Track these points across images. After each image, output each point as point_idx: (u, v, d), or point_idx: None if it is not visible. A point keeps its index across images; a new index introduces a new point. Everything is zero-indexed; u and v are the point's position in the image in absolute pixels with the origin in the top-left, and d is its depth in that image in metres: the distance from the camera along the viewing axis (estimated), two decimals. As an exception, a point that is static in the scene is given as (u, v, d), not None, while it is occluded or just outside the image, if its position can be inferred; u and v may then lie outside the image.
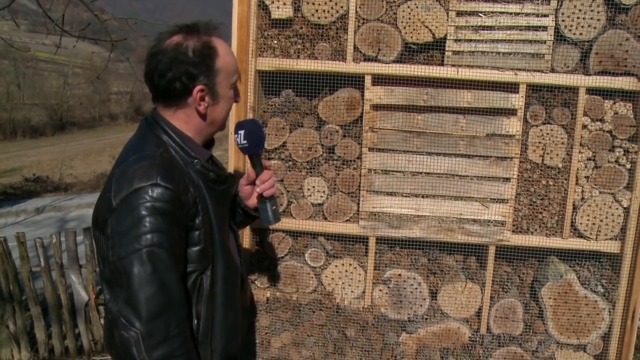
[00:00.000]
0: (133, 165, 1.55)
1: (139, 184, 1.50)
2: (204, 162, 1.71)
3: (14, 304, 4.41)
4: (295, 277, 2.78)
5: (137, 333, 1.46)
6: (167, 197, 1.51)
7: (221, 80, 1.67)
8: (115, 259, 1.49)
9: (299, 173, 2.71)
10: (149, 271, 1.47)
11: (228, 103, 1.75)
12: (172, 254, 1.53)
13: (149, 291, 1.47)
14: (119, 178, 1.53)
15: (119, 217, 1.49)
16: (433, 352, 2.75)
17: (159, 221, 1.49)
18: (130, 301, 1.47)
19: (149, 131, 1.69)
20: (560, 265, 2.72)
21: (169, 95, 1.65)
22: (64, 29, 4.71)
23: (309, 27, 2.62)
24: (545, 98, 2.61)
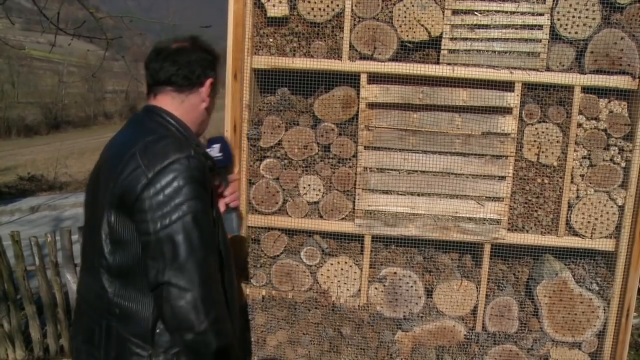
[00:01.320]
0: (158, 142, 1.60)
1: (175, 156, 1.55)
2: (202, 150, 1.79)
3: (8, 303, 4.39)
4: (291, 275, 2.77)
5: (195, 297, 1.47)
6: (201, 167, 1.59)
7: (216, 85, 1.84)
8: (159, 228, 1.50)
9: (295, 171, 2.71)
10: (196, 236, 1.51)
11: (211, 109, 1.87)
12: (211, 220, 1.60)
13: (200, 255, 1.51)
14: (147, 154, 1.56)
15: (157, 188, 1.52)
16: (429, 350, 2.76)
17: (197, 189, 1.55)
18: (181, 268, 1.48)
19: (150, 120, 1.73)
20: (556, 263, 2.72)
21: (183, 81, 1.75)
22: (59, 27, 4.69)
23: (305, 25, 2.62)
24: (541, 96, 2.61)
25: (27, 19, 34.61)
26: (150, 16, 6.40)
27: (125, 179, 1.55)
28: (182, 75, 1.74)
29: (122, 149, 1.64)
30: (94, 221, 1.64)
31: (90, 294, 1.69)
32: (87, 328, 1.69)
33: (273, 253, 2.79)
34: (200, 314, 1.47)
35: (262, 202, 2.73)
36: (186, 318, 1.47)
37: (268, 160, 2.71)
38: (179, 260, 1.48)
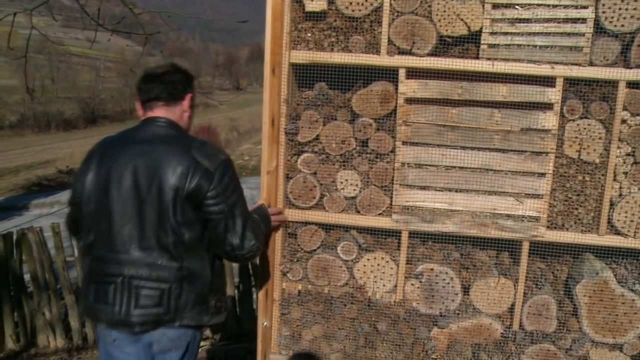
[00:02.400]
0: (206, 145, 2.25)
1: (224, 156, 2.25)
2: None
3: (49, 292, 4.51)
4: (327, 270, 2.78)
5: (256, 245, 2.23)
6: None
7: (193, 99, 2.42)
8: (227, 208, 2.17)
9: (332, 166, 2.71)
10: (246, 208, 2.26)
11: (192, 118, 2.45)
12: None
13: (248, 215, 2.26)
14: (205, 155, 2.17)
15: (221, 177, 2.17)
16: (464, 348, 2.74)
17: (236, 175, 2.27)
18: (246, 228, 2.20)
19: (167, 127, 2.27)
20: (596, 262, 2.67)
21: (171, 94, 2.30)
22: (99, 23, 4.78)
23: (343, 20, 2.61)
24: (583, 92, 2.56)
25: (66, 16, 35.29)
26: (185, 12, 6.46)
27: (193, 178, 2.12)
28: (167, 92, 2.29)
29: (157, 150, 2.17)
30: (141, 210, 2.13)
31: (138, 267, 2.13)
32: (142, 295, 2.13)
33: (310, 247, 2.80)
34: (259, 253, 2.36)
35: (300, 197, 2.74)
36: (255, 255, 2.30)
37: (305, 155, 2.72)
38: (243, 224, 2.20)
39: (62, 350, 4.54)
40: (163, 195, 2.11)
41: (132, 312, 2.11)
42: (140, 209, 2.13)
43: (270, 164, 2.68)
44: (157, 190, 2.12)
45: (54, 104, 30.55)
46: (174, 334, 2.18)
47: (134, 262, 2.13)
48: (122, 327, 2.13)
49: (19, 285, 4.49)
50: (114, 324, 2.15)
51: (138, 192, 2.13)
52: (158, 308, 2.13)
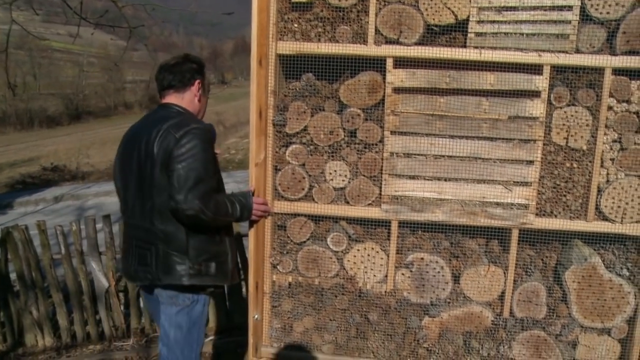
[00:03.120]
0: (182, 118, 2.44)
1: (198, 125, 2.41)
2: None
3: (36, 290, 4.46)
4: (318, 261, 2.78)
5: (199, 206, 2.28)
6: (207, 132, 2.41)
7: (206, 85, 2.63)
8: (180, 167, 2.29)
9: (321, 157, 2.70)
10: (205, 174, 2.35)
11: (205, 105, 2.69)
12: (210, 162, 2.40)
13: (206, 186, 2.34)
14: (176, 126, 2.37)
15: (186, 142, 2.32)
16: (456, 336, 2.75)
17: (204, 144, 2.36)
18: (194, 188, 2.29)
19: (168, 110, 2.51)
20: (585, 248, 2.69)
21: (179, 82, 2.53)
22: (82, 16, 4.71)
23: (330, 10, 2.60)
24: (570, 79, 2.57)
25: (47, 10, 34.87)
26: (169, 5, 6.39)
27: (163, 144, 2.34)
28: (177, 80, 2.52)
29: (152, 127, 2.42)
30: (140, 181, 2.43)
31: (140, 230, 2.47)
32: (140, 254, 2.47)
33: (299, 239, 2.79)
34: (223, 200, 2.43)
35: (288, 189, 2.73)
36: (225, 206, 2.42)
37: (294, 147, 2.71)
38: (203, 183, 2.32)
39: (50, 349, 4.49)
40: (146, 167, 2.39)
41: (136, 269, 2.50)
42: (138, 182, 2.45)
43: (258, 156, 2.66)
44: (144, 162, 2.40)
45: (36, 101, 30.20)
46: (168, 293, 2.47)
47: (137, 227, 2.49)
48: (136, 282, 2.68)
49: (5, 284, 4.44)
50: (131, 278, 2.62)
51: (139, 168, 2.43)
52: (145, 267, 2.45)
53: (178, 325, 2.50)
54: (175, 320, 2.49)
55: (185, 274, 2.41)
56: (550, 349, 2.71)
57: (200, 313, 2.56)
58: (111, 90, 35.84)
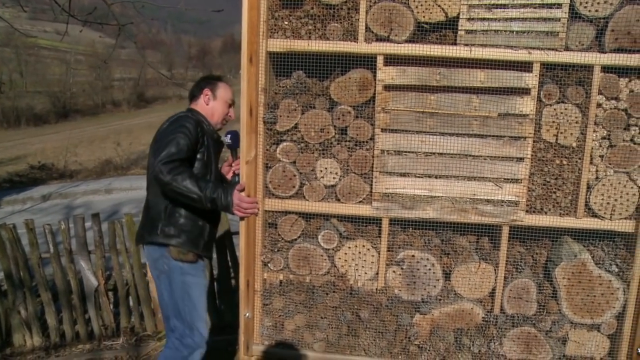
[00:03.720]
0: (186, 112, 2.94)
1: (180, 115, 2.86)
2: (211, 128, 2.97)
3: (24, 290, 4.42)
4: (309, 259, 2.77)
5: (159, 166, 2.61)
6: (192, 122, 2.77)
7: (219, 93, 3.01)
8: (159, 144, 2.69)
9: (311, 155, 2.69)
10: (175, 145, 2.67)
11: (222, 109, 3.03)
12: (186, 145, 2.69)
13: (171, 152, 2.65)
14: (174, 115, 2.88)
15: (168, 124, 2.79)
16: (447, 333, 2.76)
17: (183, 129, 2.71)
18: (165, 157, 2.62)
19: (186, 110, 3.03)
20: (574, 245, 2.71)
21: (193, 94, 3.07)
22: (70, 14, 4.66)
23: (320, 7, 2.59)
24: (559, 77, 2.58)
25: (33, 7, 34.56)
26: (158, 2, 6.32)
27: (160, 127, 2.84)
28: (191, 93, 3.07)
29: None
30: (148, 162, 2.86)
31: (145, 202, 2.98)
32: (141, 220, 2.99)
33: (290, 237, 2.79)
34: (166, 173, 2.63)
35: (279, 186, 2.72)
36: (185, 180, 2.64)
37: (284, 144, 2.70)
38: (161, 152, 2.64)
39: (39, 349, 4.46)
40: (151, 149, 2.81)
41: (138, 232, 3.00)
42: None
43: (249, 154, 2.65)
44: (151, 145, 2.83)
45: (23, 99, 29.90)
46: (152, 255, 2.89)
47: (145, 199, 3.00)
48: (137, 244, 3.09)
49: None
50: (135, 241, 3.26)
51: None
52: (140, 229, 2.96)
53: (161, 291, 2.91)
54: (158, 285, 2.92)
55: (158, 235, 2.81)
56: (540, 345, 2.73)
57: (183, 283, 2.85)
58: (99, 88, 35.54)
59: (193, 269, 2.87)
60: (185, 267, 2.83)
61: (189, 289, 2.87)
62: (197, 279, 2.90)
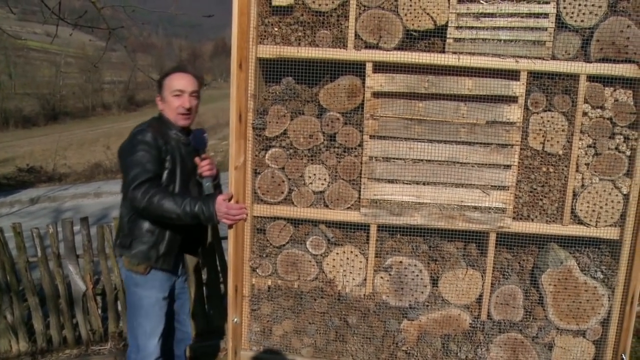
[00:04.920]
0: (137, 125, 2.83)
1: (137, 129, 2.76)
2: (177, 132, 2.83)
3: (11, 294, 4.39)
4: (297, 265, 2.78)
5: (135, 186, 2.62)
6: (146, 135, 2.70)
7: (164, 90, 2.85)
8: (124, 165, 2.68)
9: (300, 161, 2.70)
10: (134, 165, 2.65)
11: (171, 104, 2.84)
12: (148, 158, 2.65)
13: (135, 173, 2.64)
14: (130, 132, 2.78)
15: (126, 148, 2.71)
16: (434, 339, 2.77)
17: (139, 145, 2.66)
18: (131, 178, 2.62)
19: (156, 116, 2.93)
20: (560, 251, 2.73)
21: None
22: (60, 17, 4.65)
23: (310, 14, 2.61)
24: (546, 85, 2.61)
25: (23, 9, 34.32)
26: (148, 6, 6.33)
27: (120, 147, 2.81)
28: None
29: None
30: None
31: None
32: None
33: (279, 243, 2.80)
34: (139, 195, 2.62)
35: (268, 192, 2.73)
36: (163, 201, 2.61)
37: (273, 150, 2.71)
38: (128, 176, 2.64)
39: (25, 354, 4.43)
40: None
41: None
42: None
43: (238, 160, 2.66)
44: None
45: (12, 101, 29.71)
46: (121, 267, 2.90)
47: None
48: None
49: (-21, 288, 4.37)
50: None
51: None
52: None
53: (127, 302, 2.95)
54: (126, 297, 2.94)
55: (118, 244, 2.85)
56: (527, 351, 2.75)
57: (133, 294, 2.85)
58: (89, 91, 35.38)
59: (144, 281, 2.81)
60: (137, 279, 2.81)
61: (138, 302, 2.84)
62: (148, 292, 2.83)
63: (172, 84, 2.83)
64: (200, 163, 2.87)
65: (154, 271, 2.81)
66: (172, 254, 2.86)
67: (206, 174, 2.85)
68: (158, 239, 2.79)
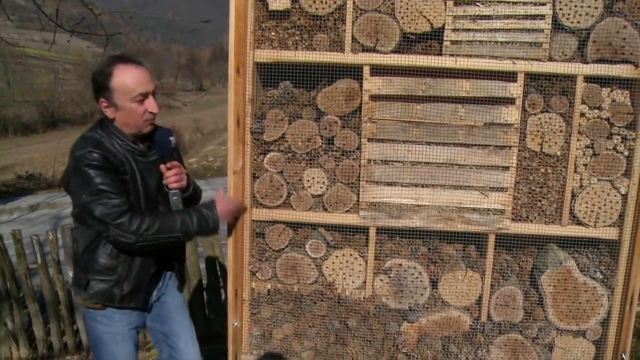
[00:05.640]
0: (76, 142, 2.31)
1: (79, 152, 2.24)
2: (129, 143, 2.37)
3: (11, 301, 4.40)
4: (296, 268, 2.78)
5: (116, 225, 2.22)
6: (97, 157, 2.22)
7: (118, 96, 2.31)
8: (82, 203, 2.24)
9: (299, 164, 2.71)
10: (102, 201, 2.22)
11: (133, 112, 2.34)
12: (112, 180, 2.25)
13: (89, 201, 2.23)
14: (70, 152, 2.29)
15: (73, 178, 2.26)
16: (434, 341, 2.77)
17: (98, 172, 2.22)
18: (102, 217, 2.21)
19: (98, 124, 2.42)
20: (560, 252, 2.74)
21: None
22: (58, 24, 4.67)
23: (307, 18, 2.61)
24: (544, 86, 2.62)
25: (20, 16, 34.35)
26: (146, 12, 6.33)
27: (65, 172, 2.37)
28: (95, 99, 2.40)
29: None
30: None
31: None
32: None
33: (278, 246, 2.80)
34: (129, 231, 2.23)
35: (267, 196, 2.73)
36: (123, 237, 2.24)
37: (272, 154, 2.71)
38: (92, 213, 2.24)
39: (26, 360, 4.44)
40: None
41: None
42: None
43: (236, 164, 2.66)
44: None
45: (10, 108, 29.75)
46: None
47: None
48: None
49: (-21, 295, 4.37)
50: None
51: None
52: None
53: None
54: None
55: (74, 277, 2.52)
56: (527, 352, 2.75)
57: (93, 330, 2.48)
58: (87, 97, 35.36)
59: (103, 317, 2.45)
60: (94, 314, 2.45)
61: (98, 337, 2.47)
62: (109, 328, 2.46)
63: (128, 86, 2.30)
64: (166, 173, 2.46)
65: (117, 309, 2.45)
66: (141, 289, 2.48)
67: (172, 186, 2.48)
68: (121, 276, 2.39)
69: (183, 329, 2.72)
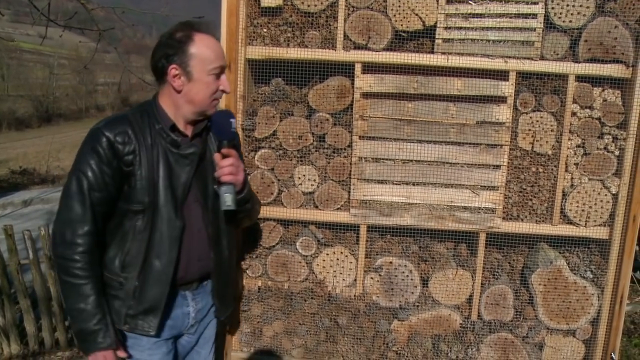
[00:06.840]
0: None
1: (97, 125, 1.91)
2: (165, 128, 1.95)
3: (2, 297, 4.37)
4: (287, 265, 2.78)
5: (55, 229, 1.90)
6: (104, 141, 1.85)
7: (195, 64, 1.89)
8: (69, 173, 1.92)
9: (290, 162, 2.70)
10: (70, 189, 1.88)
11: (206, 87, 1.93)
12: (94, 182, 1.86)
13: (64, 202, 1.89)
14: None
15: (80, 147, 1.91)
16: (424, 339, 2.77)
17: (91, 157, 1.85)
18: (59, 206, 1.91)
19: (140, 104, 2.04)
20: (550, 251, 2.74)
21: (155, 74, 1.96)
22: (50, 18, 4.64)
23: (299, 15, 2.60)
24: (535, 85, 2.62)
25: (15, 10, 34.17)
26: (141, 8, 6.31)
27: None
28: (152, 68, 1.96)
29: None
30: None
31: None
32: None
33: (268, 244, 2.79)
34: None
35: (257, 193, 2.72)
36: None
37: (263, 151, 2.70)
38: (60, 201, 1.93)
39: (17, 357, 4.41)
40: None
41: None
42: None
43: (227, 161, 2.65)
44: None
45: (4, 103, 29.58)
46: None
47: None
48: None
49: (-30, 291, 4.35)
50: None
51: None
52: None
53: None
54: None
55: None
56: (517, 351, 2.75)
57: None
58: (82, 92, 35.26)
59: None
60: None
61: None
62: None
63: (209, 56, 1.91)
64: (220, 162, 1.96)
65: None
66: (157, 310, 1.97)
67: (225, 179, 1.95)
68: (135, 290, 1.95)
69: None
